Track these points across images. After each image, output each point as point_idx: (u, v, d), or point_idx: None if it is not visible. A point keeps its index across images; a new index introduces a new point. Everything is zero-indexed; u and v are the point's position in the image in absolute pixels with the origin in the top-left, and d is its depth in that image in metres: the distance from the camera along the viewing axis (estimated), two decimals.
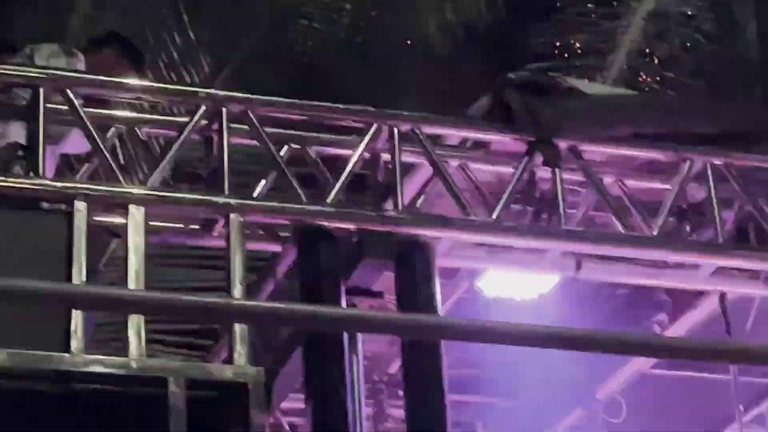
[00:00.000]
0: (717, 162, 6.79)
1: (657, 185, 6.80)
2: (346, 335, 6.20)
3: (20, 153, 6.07)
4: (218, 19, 11.57)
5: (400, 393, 6.58)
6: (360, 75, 11.29)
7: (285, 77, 11.17)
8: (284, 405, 7.28)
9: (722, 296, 6.97)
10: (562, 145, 6.60)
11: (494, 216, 6.44)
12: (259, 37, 11.64)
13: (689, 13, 13.54)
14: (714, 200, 6.73)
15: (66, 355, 5.64)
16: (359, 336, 6.29)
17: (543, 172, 6.64)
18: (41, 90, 6.03)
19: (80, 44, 7.47)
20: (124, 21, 11.31)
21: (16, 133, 6.24)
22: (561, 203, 6.52)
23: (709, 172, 6.75)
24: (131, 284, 5.83)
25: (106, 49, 7.16)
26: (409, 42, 12.13)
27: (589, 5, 13.50)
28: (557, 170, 6.56)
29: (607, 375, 8.12)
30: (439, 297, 6.42)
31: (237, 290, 5.98)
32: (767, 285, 6.88)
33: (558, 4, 13.47)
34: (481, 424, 8.64)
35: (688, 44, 13.53)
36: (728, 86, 12.95)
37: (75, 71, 6.52)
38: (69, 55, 6.73)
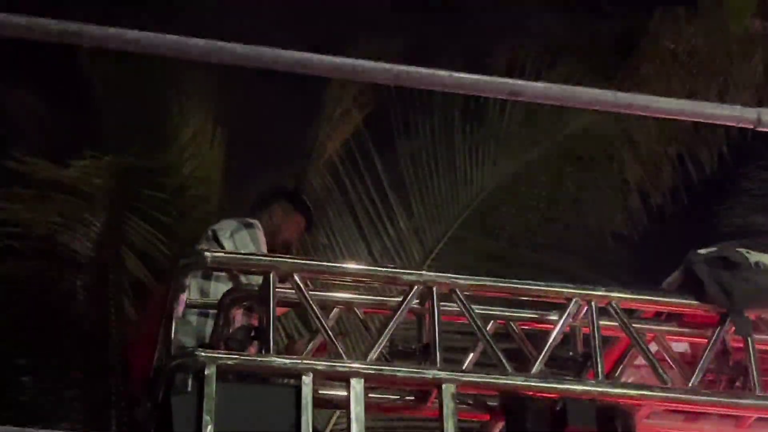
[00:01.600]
0: None
1: None
2: None
3: (252, 334, 6.15)
4: (425, 211, 11.74)
5: None
6: (556, 257, 11.37)
7: (486, 257, 11.26)
8: None
9: None
10: (752, 315, 6.48)
11: (690, 383, 6.31)
12: (461, 224, 11.78)
13: None
14: None
15: None
16: None
17: (735, 342, 6.49)
18: (271, 276, 6.11)
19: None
20: (341, 219, 11.57)
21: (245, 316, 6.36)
22: (754, 370, 6.35)
23: None
24: None
25: (274, 204, 7.23)
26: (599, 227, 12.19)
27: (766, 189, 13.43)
28: (749, 339, 6.41)
29: None
30: None
31: None
32: None
33: (738, 186, 13.42)
34: None
35: None
36: None
37: (300, 258, 6.60)
38: (248, 227, 6.78)
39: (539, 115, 12.12)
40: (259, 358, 6.00)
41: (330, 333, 6.15)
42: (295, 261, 6.44)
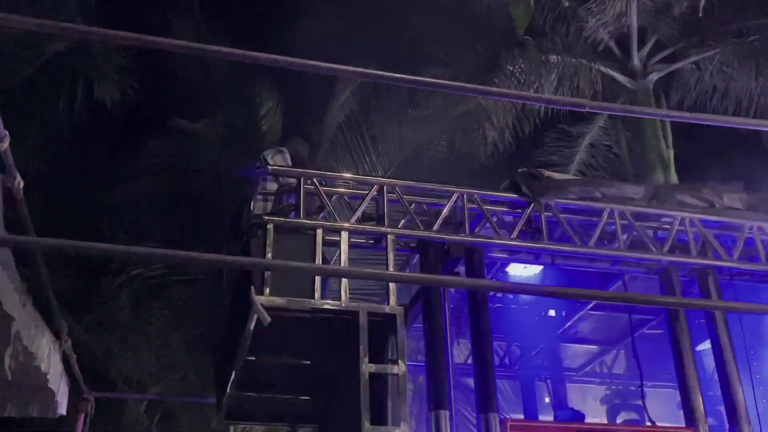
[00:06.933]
0: (621, 210, 6.49)
1: (594, 221, 6.48)
2: (443, 295, 6.05)
3: (292, 208, 6.03)
4: (385, 151, 11.56)
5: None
6: (449, 176, 11.30)
7: (414, 177, 11.12)
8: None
9: (622, 277, 6.61)
10: (545, 202, 6.39)
11: (512, 236, 6.25)
12: (402, 160, 11.63)
13: (608, 144, 13.28)
14: (619, 229, 6.42)
15: (312, 300, 5.55)
16: (449, 296, 6.13)
17: (536, 215, 6.40)
18: (301, 179, 6.01)
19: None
20: (343, 156, 11.33)
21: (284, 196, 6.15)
22: (544, 229, 6.28)
23: (616, 215, 6.46)
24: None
25: (293, 138, 6.84)
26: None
27: (559, 143, 13.34)
28: (542, 215, 6.33)
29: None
30: (485, 275, 6.22)
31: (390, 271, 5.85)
32: None
33: (544, 141, 13.33)
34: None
35: (607, 160, 13.30)
36: (625, 178, 12.62)
37: (321, 172, 6.30)
38: (280, 152, 6.42)
39: (444, 104, 11.94)
40: (295, 220, 5.90)
41: (331, 208, 6.05)
42: (314, 171, 6.27)
